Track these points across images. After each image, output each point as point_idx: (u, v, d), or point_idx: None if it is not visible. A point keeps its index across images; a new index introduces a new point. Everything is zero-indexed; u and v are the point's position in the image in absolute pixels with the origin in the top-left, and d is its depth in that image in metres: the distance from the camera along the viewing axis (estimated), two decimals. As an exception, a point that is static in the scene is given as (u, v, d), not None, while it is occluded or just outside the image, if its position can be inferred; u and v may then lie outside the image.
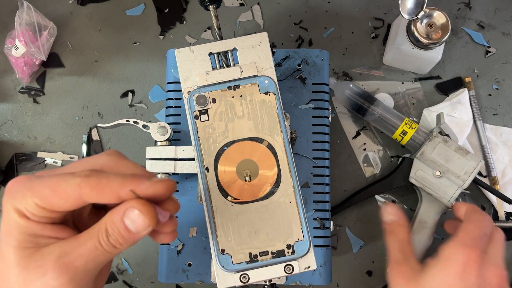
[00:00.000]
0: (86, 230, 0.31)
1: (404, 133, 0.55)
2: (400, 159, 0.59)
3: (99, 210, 0.37)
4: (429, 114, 0.60)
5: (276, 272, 0.41)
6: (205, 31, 0.65)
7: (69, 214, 0.33)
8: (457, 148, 0.55)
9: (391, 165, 0.61)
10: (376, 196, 0.61)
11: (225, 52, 0.45)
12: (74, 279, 0.29)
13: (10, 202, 0.30)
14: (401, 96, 0.63)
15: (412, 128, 0.55)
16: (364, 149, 0.62)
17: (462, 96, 0.61)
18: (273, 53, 0.46)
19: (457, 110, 0.60)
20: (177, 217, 0.53)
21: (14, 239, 0.30)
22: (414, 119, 0.62)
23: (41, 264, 0.29)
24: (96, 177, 0.29)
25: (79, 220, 0.35)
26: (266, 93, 0.44)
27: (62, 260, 0.29)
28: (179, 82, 0.45)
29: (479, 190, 0.61)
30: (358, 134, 0.62)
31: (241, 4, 0.66)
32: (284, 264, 0.41)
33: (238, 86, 0.44)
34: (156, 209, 0.30)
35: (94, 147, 0.63)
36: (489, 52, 0.64)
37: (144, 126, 0.49)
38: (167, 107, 0.55)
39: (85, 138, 0.63)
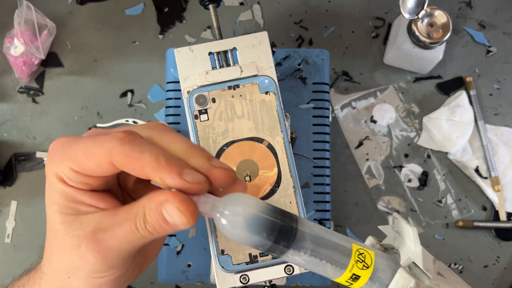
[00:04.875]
0: (125, 207, 0.29)
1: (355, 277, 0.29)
2: None
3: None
4: (429, 121, 0.60)
5: (276, 273, 0.41)
6: (205, 30, 0.65)
7: (113, 180, 0.31)
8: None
9: (394, 176, 0.61)
10: (378, 205, 0.61)
11: (225, 52, 0.45)
12: (107, 258, 0.28)
13: (50, 165, 0.28)
14: (402, 106, 0.62)
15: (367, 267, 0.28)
16: (367, 159, 0.62)
17: (460, 99, 0.61)
18: (273, 52, 0.46)
19: (456, 114, 0.60)
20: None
21: (56, 203, 0.29)
22: (419, 131, 0.62)
23: (78, 234, 0.28)
24: (129, 145, 0.26)
25: (125, 186, 0.33)
26: (266, 92, 0.43)
27: (97, 236, 0.28)
28: (179, 82, 0.44)
29: (480, 190, 0.61)
30: (360, 144, 0.62)
31: (241, 3, 0.65)
32: (284, 265, 0.41)
33: (238, 86, 0.43)
34: (196, 207, 0.26)
35: (94, 147, 0.62)
36: (490, 51, 0.64)
37: (143, 126, 0.49)
38: (167, 107, 0.55)
39: (84, 138, 0.63)
